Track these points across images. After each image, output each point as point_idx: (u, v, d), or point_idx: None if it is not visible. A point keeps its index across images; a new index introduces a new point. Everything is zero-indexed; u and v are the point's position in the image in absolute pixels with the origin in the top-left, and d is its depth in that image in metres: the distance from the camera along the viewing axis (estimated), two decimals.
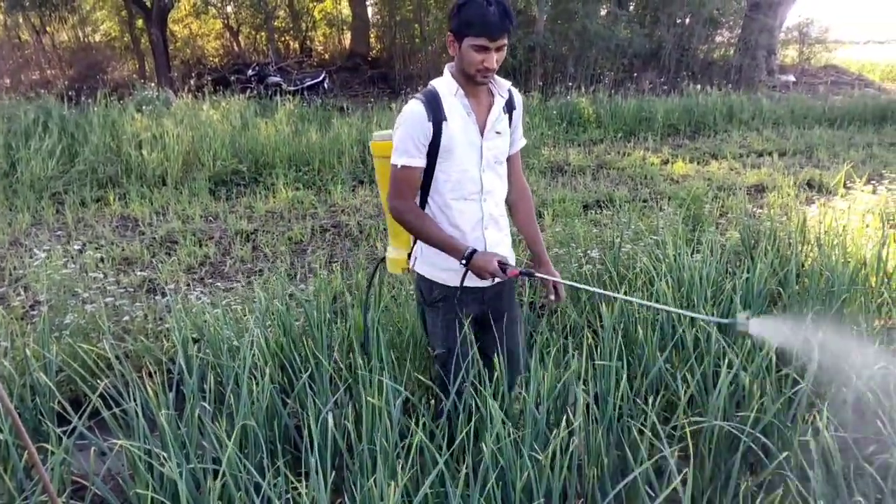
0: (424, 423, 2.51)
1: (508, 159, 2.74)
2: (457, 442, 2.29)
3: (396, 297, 4.07)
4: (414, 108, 2.46)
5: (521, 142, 2.79)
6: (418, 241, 2.68)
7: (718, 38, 21.82)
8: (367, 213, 7.45)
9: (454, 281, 2.63)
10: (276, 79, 15.69)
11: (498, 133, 2.59)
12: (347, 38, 21.82)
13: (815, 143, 11.56)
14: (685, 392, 2.69)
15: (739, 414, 2.59)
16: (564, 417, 2.30)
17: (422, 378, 3.03)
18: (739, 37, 20.63)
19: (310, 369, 2.90)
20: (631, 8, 20.67)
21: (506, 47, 2.39)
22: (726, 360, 2.81)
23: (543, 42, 17.74)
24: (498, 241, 2.68)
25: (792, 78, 20.43)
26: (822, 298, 3.67)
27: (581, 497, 2.35)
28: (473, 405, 2.47)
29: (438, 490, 2.27)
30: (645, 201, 7.53)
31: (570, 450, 2.23)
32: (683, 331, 3.15)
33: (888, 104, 14.96)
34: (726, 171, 9.46)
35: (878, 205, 5.74)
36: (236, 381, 2.73)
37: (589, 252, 4.84)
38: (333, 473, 2.26)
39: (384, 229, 6.81)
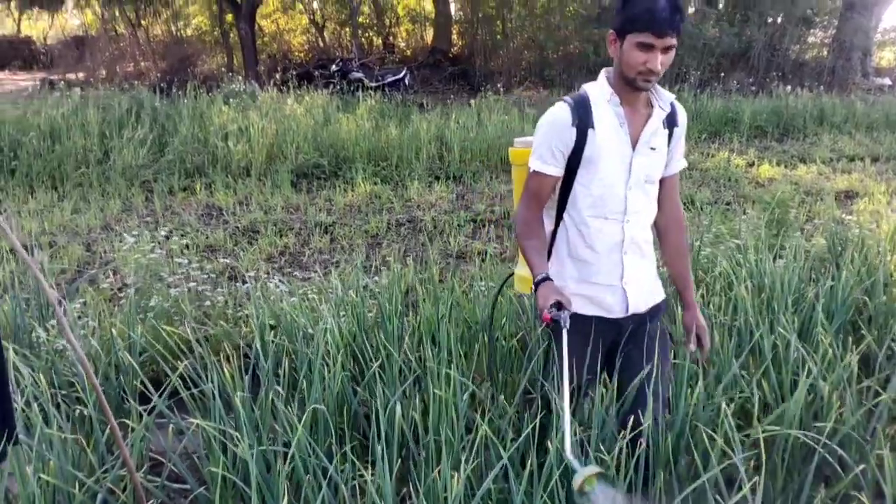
0: (491, 419, 2.52)
1: (662, 181, 2.42)
2: (521, 437, 2.28)
3: (467, 292, 4.09)
4: (557, 112, 2.25)
5: (681, 163, 2.47)
6: (553, 259, 2.44)
7: (811, 39, 21.08)
8: (442, 209, 7.49)
9: (587, 309, 2.37)
10: (359, 74, 15.94)
11: (653, 149, 2.29)
12: (429, 35, 21.98)
13: None
14: (760, 399, 2.62)
15: (817, 425, 2.51)
16: (632, 418, 2.27)
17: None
18: (834, 37, 19.88)
19: (380, 359, 2.94)
20: (720, 6, 20.20)
21: (674, 50, 2.11)
22: (806, 369, 2.74)
23: None
24: (638, 271, 2.39)
25: (888, 81, 19.55)
26: None
27: (647, 501, 2.32)
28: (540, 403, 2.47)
29: (502, 486, 2.28)
30: (728, 204, 7.36)
31: (638, 452, 2.20)
32: (761, 335, 3.07)
33: None
34: (815, 176, 9.14)
35: None
36: (309, 368, 2.80)
37: None
38: (399, 462, 2.30)
39: (458, 226, 6.85)
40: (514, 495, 2.10)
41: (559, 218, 2.39)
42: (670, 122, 2.34)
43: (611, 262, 2.34)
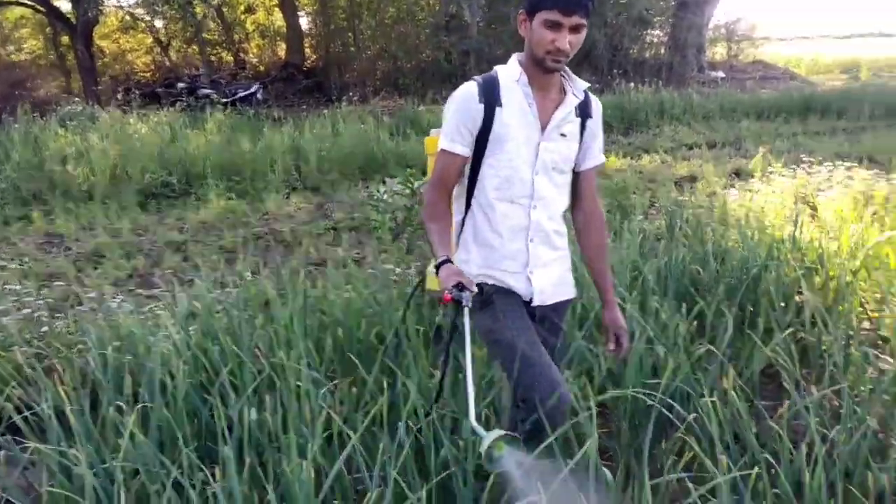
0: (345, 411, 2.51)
1: (579, 175, 2.38)
2: (368, 418, 2.29)
3: (323, 296, 4.06)
4: (465, 89, 2.22)
5: (599, 158, 2.40)
6: (460, 247, 2.37)
7: (649, 38, 22.31)
8: (300, 220, 7.41)
9: (510, 281, 2.30)
10: (208, 91, 15.52)
11: (563, 136, 2.26)
12: (282, 49, 21.69)
13: (742, 135, 11.89)
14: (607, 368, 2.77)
15: (651, 382, 2.66)
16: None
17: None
18: (669, 35, 21.12)
19: (230, 366, 2.87)
20: None
21: (583, 31, 2.09)
22: (644, 336, 2.90)
23: (478, 46, 17.89)
24: (547, 260, 2.34)
25: (721, 74, 20.95)
26: (737, 276, 3.78)
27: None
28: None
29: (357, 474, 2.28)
30: None
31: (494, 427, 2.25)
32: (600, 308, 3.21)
33: (812, 96, 15.47)
34: (658, 165, 9.66)
35: (795, 187, 5.92)
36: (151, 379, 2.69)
37: None
38: (250, 463, 2.24)
39: (318, 235, 6.78)
40: (368, 478, 2.10)
41: (468, 206, 2.33)
42: (584, 112, 2.30)
43: (515, 248, 2.29)
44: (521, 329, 2.21)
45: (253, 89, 16.21)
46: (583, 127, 2.30)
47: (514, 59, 2.26)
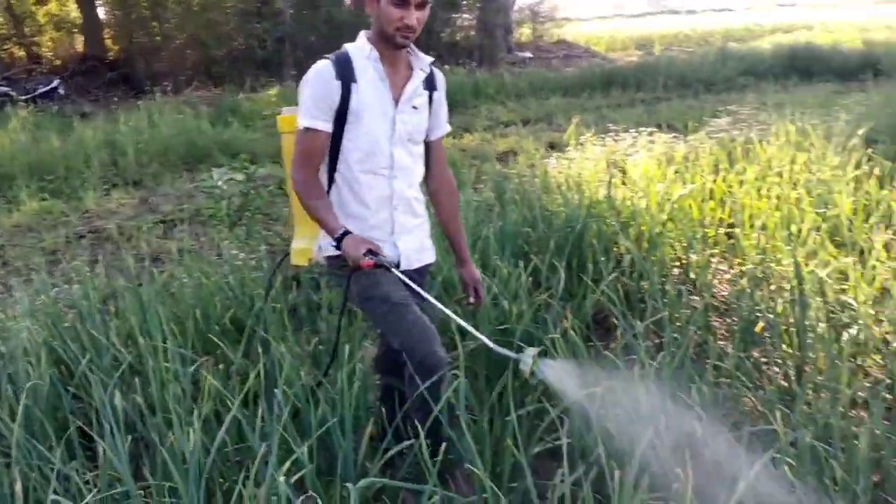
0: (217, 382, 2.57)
1: (430, 145, 2.55)
2: (246, 387, 2.39)
3: (169, 284, 4.04)
4: (320, 67, 2.31)
5: (445, 128, 2.61)
6: None
7: (459, 21, 22.98)
8: (125, 216, 7.15)
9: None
10: (5, 89, 14.38)
11: (415, 108, 2.41)
12: (80, 41, 20.35)
13: (553, 111, 12.59)
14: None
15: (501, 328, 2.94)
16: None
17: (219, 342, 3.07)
18: (478, 18, 21.85)
19: (89, 356, 2.84)
20: None
21: (428, 7, 2.26)
22: (491, 294, 3.18)
23: (291, 32, 17.71)
24: (411, 227, 2.50)
25: (529, 54, 21.93)
26: (564, 234, 4.14)
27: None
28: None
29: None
30: None
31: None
32: (449, 269, 3.45)
33: (612, 71, 16.56)
34: (479, 142, 10.10)
35: (605, 153, 6.48)
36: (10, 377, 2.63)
37: None
38: (131, 440, 2.27)
39: (147, 229, 6.60)
40: (251, 439, 2.20)
41: (331, 180, 2.42)
42: (430, 84, 2.46)
43: (381, 217, 2.41)
44: (393, 284, 2.33)
45: (54, 84, 15.18)
46: (430, 99, 2.46)
47: (363, 36, 2.38)
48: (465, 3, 22.18)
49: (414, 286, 2.26)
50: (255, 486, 2.02)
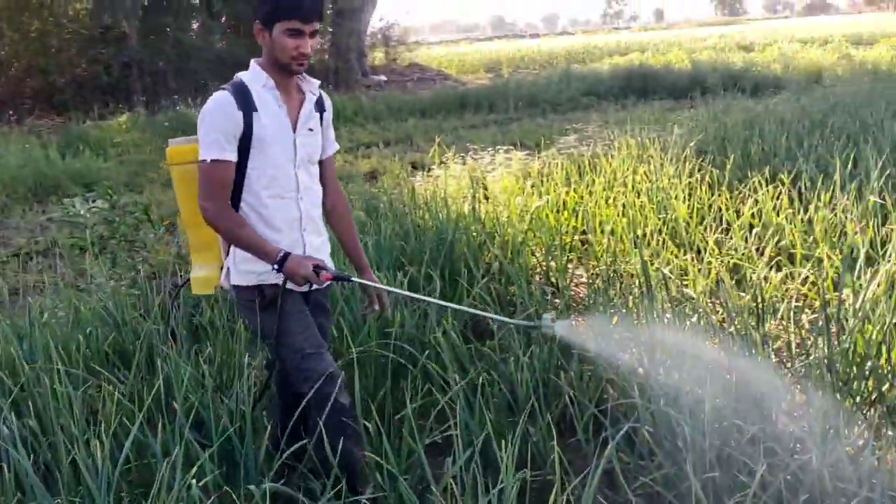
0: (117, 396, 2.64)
1: (322, 163, 2.62)
2: (147, 402, 2.48)
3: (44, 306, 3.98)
4: (221, 99, 2.32)
5: (335, 146, 2.70)
6: (233, 251, 2.48)
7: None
8: None
9: (280, 279, 2.40)
10: None
11: (311, 130, 2.49)
12: None
13: (412, 132, 12.96)
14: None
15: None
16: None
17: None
18: (330, 42, 22.04)
19: None
20: (223, 19, 20.93)
21: (318, 34, 2.35)
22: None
23: (138, 57, 17.25)
24: (318, 245, 2.57)
25: (383, 77, 22.35)
26: (436, 245, 4.41)
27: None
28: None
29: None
30: None
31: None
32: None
33: (465, 93, 17.19)
34: (342, 164, 10.28)
35: (467, 171, 6.84)
36: None
37: None
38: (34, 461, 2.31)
39: (1, 263, 6.34)
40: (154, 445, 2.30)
41: (235, 206, 2.43)
42: (320, 106, 2.55)
43: (292, 240, 2.46)
44: (302, 331, 2.45)
45: None
46: (321, 120, 2.57)
47: (255, 65, 2.43)
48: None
49: (383, 286, 2.49)
50: (165, 493, 2.12)
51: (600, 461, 2.14)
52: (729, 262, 4.27)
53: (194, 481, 2.10)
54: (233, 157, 2.34)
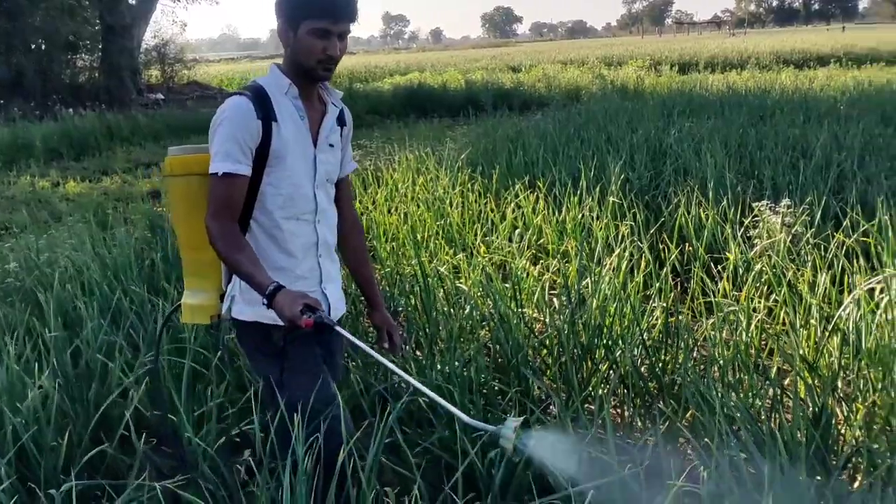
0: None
1: (339, 183, 2.34)
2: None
3: None
4: (239, 104, 2.03)
5: (354, 164, 2.41)
6: (235, 279, 2.17)
7: (81, 63, 21.91)
8: None
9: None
10: None
11: (331, 146, 2.22)
12: None
13: None
14: None
15: None
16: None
17: None
18: (101, 59, 21.01)
19: None
20: None
21: (347, 36, 2.07)
22: None
23: None
24: (334, 274, 2.31)
25: (161, 96, 21.59)
26: None
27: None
28: None
29: None
30: (46, 222, 7.60)
31: None
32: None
33: None
34: (120, 184, 9.97)
35: None
36: None
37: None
38: None
39: None
40: None
41: (244, 227, 2.14)
42: (341, 120, 2.29)
43: (308, 266, 2.21)
44: (310, 382, 2.14)
45: None
46: (341, 135, 2.31)
47: (275, 69, 2.16)
48: (85, 44, 21.24)
49: (362, 345, 2.01)
50: None
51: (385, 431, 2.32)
52: (496, 258, 4.80)
53: None
54: (248, 170, 2.05)
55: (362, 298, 2.93)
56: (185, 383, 2.98)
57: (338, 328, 1.98)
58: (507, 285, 4.09)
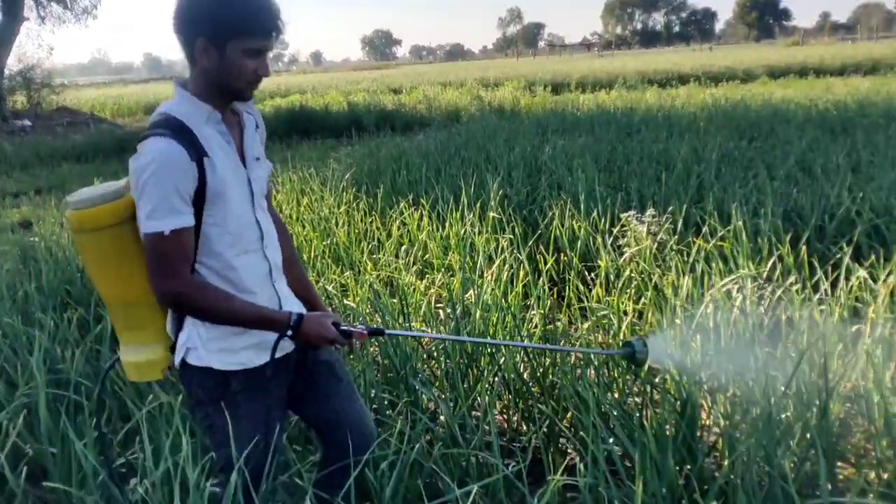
0: None
1: None
2: None
3: None
4: (167, 149, 1.79)
5: (268, 163, 2.17)
6: (188, 327, 1.99)
7: None
8: None
9: (262, 357, 2.01)
10: None
11: (258, 159, 2.06)
12: None
13: (67, 178, 12.26)
14: None
15: None
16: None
17: None
18: None
19: None
20: None
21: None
22: (39, 342, 3.41)
23: None
24: (288, 295, 2.16)
25: (28, 122, 20.61)
26: None
27: None
28: None
29: None
30: None
31: None
32: None
33: (123, 136, 16.54)
34: None
35: None
36: None
37: None
38: None
39: None
40: None
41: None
42: (256, 126, 2.13)
43: (268, 297, 2.06)
44: (256, 433, 2.05)
45: None
46: (261, 141, 2.16)
47: (184, 93, 1.93)
48: None
49: (414, 334, 2.15)
50: None
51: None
52: (383, 275, 4.90)
53: None
54: (192, 220, 1.87)
55: None
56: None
57: (388, 331, 2.18)
58: (394, 300, 4.19)
